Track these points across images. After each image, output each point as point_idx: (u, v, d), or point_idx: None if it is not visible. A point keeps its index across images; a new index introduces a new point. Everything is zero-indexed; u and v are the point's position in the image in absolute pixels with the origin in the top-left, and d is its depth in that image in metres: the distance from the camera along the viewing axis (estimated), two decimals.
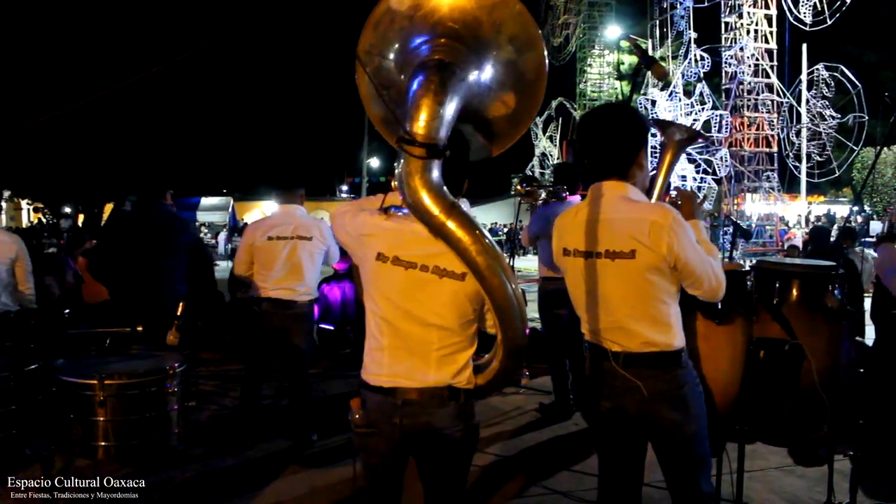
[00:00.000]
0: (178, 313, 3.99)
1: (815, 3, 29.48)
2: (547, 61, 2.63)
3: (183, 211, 33.11)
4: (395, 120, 2.42)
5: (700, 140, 3.50)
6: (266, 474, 4.90)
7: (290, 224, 5.22)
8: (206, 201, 37.55)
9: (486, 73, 2.56)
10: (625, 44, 40.35)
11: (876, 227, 26.40)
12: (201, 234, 33.70)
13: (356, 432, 2.56)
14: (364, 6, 2.60)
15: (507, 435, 5.74)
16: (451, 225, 2.33)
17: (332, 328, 8.72)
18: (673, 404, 2.72)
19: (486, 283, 2.38)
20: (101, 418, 3.54)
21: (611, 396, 2.78)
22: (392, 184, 2.66)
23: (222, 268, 16.66)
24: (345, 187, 55.39)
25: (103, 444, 3.58)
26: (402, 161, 2.35)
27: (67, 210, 34.13)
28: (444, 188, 2.36)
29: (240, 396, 5.45)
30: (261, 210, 33.41)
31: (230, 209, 36.71)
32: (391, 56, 2.59)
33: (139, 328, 4.06)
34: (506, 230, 30.87)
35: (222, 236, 32.81)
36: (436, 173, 2.35)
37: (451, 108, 2.41)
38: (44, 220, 28.33)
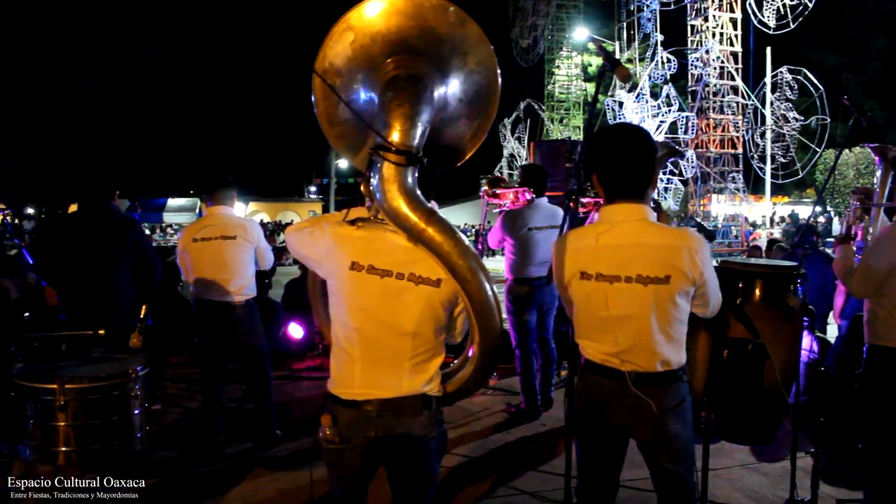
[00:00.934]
0: (141, 316, 3.93)
1: (778, 8, 29.93)
2: (500, 80, 2.67)
3: (149, 212, 32.90)
4: (369, 127, 2.46)
5: (677, 157, 3.51)
6: (233, 477, 4.86)
7: (214, 225, 5.22)
8: (172, 202, 37.28)
9: (448, 89, 2.63)
10: (592, 46, 40.64)
11: (837, 227, 26.92)
12: (167, 236, 33.38)
13: (328, 448, 2.53)
14: (329, 10, 2.60)
15: (475, 436, 5.74)
16: (431, 231, 2.37)
17: (303, 331, 8.66)
18: (677, 417, 2.78)
19: (468, 286, 2.42)
20: (62, 423, 3.47)
21: (620, 413, 2.77)
22: (361, 187, 2.66)
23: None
24: (313, 188, 55.19)
25: (64, 449, 3.51)
26: (377, 169, 2.39)
27: (30, 211, 33.63)
28: (421, 195, 2.41)
29: (201, 399, 5.39)
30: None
31: (197, 210, 36.39)
32: (352, 73, 2.59)
33: (101, 332, 4.00)
34: (474, 231, 30.96)
35: None
36: (411, 180, 2.40)
37: (425, 118, 2.48)
38: (8, 220, 27.83)
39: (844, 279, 3.74)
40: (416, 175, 2.44)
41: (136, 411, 3.67)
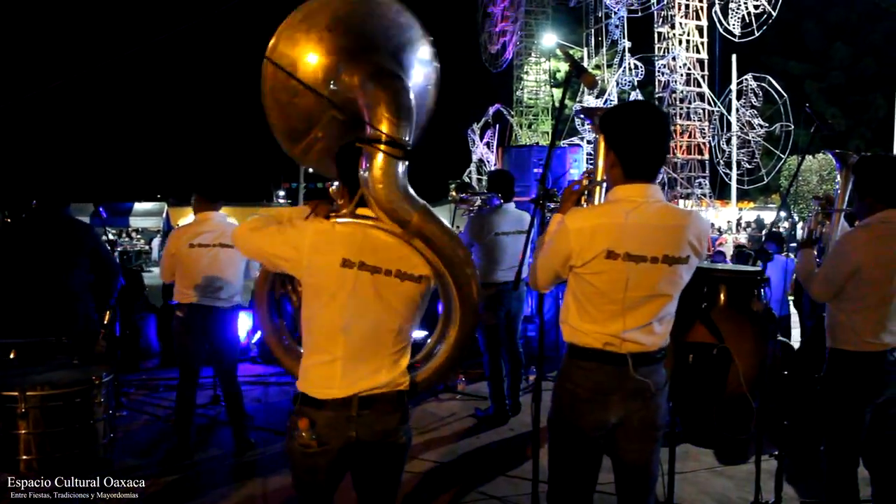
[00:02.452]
0: (105, 322, 3.89)
1: (743, 16, 30.33)
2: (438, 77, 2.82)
3: (116, 217, 32.46)
4: (363, 121, 2.49)
5: None
6: (204, 482, 4.82)
7: (212, 232, 5.14)
8: (139, 206, 36.79)
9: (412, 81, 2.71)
10: (560, 52, 40.91)
11: (801, 233, 27.15)
12: (133, 241, 32.99)
13: (304, 453, 2.49)
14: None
15: (444, 441, 5.73)
16: (429, 223, 2.45)
17: None
18: (665, 394, 2.82)
19: (460, 276, 2.52)
20: (23, 431, 3.42)
21: (620, 401, 2.71)
22: (330, 190, 2.67)
23: (156, 274, 16.30)
24: (282, 192, 54.82)
25: (25, 457, 3.45)
26: (371, 163, 2.42)
27: None
28: (410, 188, 2.47)
29: (176, 405, 5.32)
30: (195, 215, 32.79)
31: (164, 214, 35.98)
32: (315, 61, 2.60)
33: (63, 338, 3.95)
34: None
35: (156, 242, 32.14)
36: (404, 174, 2.47)
37: (413, 113, 2.54)
38: None
39: (806, 283, 3.78)
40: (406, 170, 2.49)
41: (100, 418, 3.63)
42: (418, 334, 2.76)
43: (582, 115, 3.53)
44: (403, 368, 2.58)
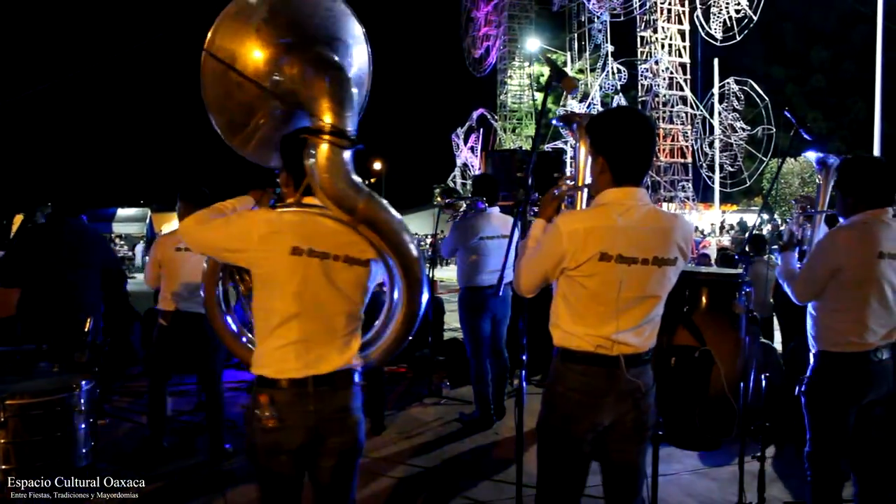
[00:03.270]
0: (86, 330, 3.86)
1: (725, 20, 30.57)
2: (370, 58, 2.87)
3: (98, 222, 32.24)
4: (307, 112, 2.55)
5: None
6: (182, 491, 4.78)
7: None
8: (122, 212, 36.54)
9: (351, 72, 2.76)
10: (542, 56, 41.04)
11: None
12: (117, 247, 32.76)
13: (264, 429, 2.51)
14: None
15: (429, 446, 5.72)
16: (375, 210, 2.52)
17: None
18: (653, 394, 2.84)
19: (405, 259, 2.62)
20: (2, 440, 3.39)
21: (613, 403, 2.73)
22: (280, 178, 2.75)
23: (140, 280, 16.20)
24: None
25: (4, 466, 3.42)
26: (317, 153, 2.47)
27: None
28: (355, 175, 2.53)
29: (147, 411, 5.28)
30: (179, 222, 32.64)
31: (147, 221, 35.76)
32: (254, 53, 2.64)
33: (44, 346, 3.92)
34: (429, 241, 30.97)
35: (139, 248, 31.96)
36: (350, 163, 2.53)
37: (355, 104, 2.61)
38: None
39: (788, 285, 3.79)
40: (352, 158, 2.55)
41: (81, 426, 3.60)
42: None
43: (561, 123, 3.54)
44: (355, 350, 2.65)
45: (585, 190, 3.45)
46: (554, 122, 4.02)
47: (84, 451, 3.64)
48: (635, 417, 2.77)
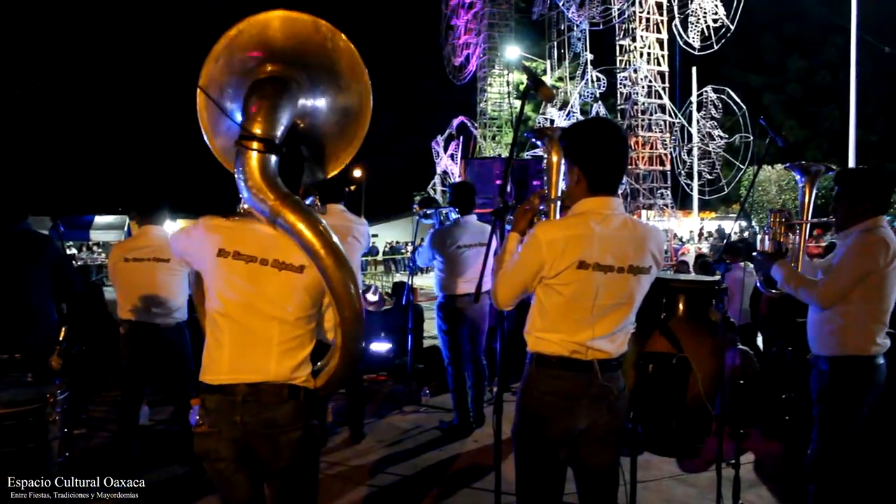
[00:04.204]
0: (61, 338, 3.81)
1: (702, 29, 30.83)
2: (371, 94, 2.84)
3: (75, 230, 31.89)
4: (230, 119, 2.68)
5: None
6: (159, 501, 4.73)
7: (147, 246, 5.00)
8: (99, 220, 36.19)
9: (317, 98, 2.81)
10: (520, 65, 41.21)
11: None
12: (94, 255, 32.45)
13: (197, 433, 2.56)
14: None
15: (408, 454, 5.71)
16: (286, 211, 2.49)
17: None
18: (625, 399, 2.89)
19: (324, 265, 2.51)
20: None
21: (586, 407, 2.76)
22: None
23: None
24: (245, 206, 54.42)
25: None
26: (241, 159, 2.53)
27: None
28: (280, 180, 2.56)
29: (117, 422, 5.20)
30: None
31: (126, 228, 35.44)
32: (232, 85, 2.76)
33: (17, 355, 3.86)
34: (409, 248, 30.96)
35: None
36: (272, 168, 2.56)
37: (284, 112, 2.64)
38: None
39: (808, 293, 3.80)
40: (277, 164, 2.58)
41: (55, 437, 3.55)
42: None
43: (533, 137, 3.56)
44: (299, 361, 2.60)
45: (559, 202, 3.48)
46: (526, 135, 4.04)
47: (59, 461, 3.60)
48: (609, 421, 2.81)
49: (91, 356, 7.83)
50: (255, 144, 2.52)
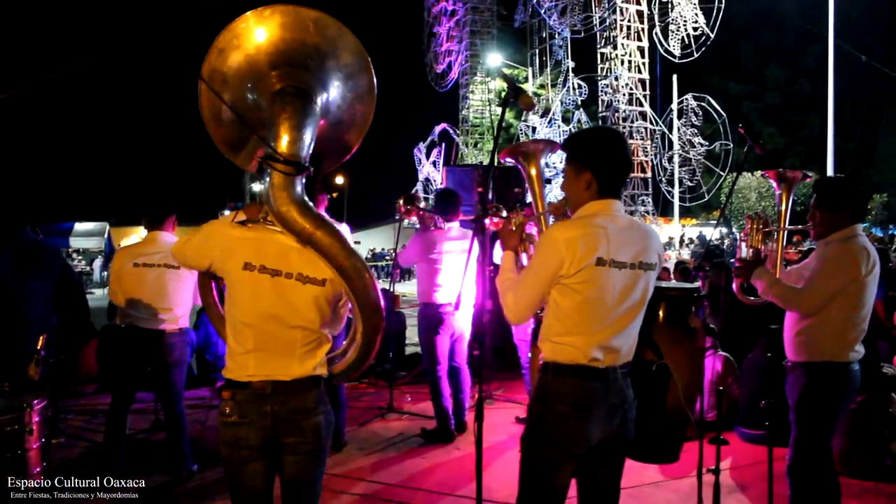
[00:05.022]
0: (39, 346, 3.77)
1: (683, 38, 31.08)
2: (375, 84, 2.94)
3: (55, 237, 31.62)
4: (261, 141, 2.68)
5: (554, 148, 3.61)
6: None
7: (158, 252, 5.01)
8: (79, 227, 35.91)
9: (329, 94, 2.87)
10: (506, 71, 41.26)
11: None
12: (74, 262, 32.17)
13: (227, 422, 2.71)
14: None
15: (390, 462, 5.70)
16: (320, 234, 2.65)
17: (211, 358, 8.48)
18: (635, 409, 2.90)
19: (354, 284, 2.72)
20: None
21: (602, 418, 2.75)
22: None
23: (98, 296, 15.95)
24: (227, 212, 54.07)
25: None
26: (267, 178, 2.64)
27: None
28: (309, 202, 2.69)
29: (105, 430, 5.16)
30: (139, 235, 32.19)
31: (106, 235, 35.22)
32: (238, 81, 2.78)
33: None
34: (392, 254, 30.87)
35: (97, 263, 31.44)
36: (300, 188, 2.67)
37: (311, 130, 2.73)
38: None
39: (789, 300, 3.83)
40: (304, 182, 2.71)
41: (32, 447, 3.51)
42: None
43: (506, 159, 3.55)
44: (319, 360, 2.80)
45: (549, 216, 3.48)
46: (500, 158, 4.02)
47: (37, 471, 3.55)
48: (622, 431, 2.83)
49: (72, 365, 7.76)
50: (283, 167, 2.61)
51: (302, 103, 2.75)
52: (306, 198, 2.68)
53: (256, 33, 2.72)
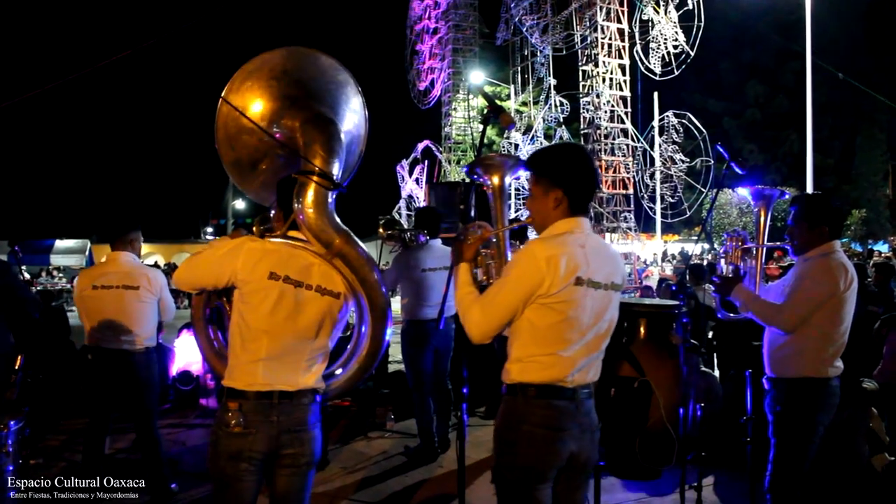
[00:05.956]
0: (16, 367, 3.74)
1: (663, 55, 31.36)
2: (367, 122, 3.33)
3: (35, 254, 31.32)
4: (300, 156, 2.95)
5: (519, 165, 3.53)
6: None
7: (116, 272, 4.98)
8: (60, 244, 35.64)
9: (344, 126, 3.19)
10: (489, 88, 41.45)
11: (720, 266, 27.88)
12: (55, 279, 31.88)
13: (230, 434, 2.75)
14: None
15: (374, 480, 5.67)
16: (349, 248, 2.89)
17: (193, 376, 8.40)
18: (599, 431, 2.89)
19: (373, 295, 2.95)
20: None
21: (573, 438, 2.71)
22: (272, 214, 3.12)
23: (77, 314, 15.71)
24: (209, 229, 53.88)
25: None
26: (304, 191, 2.85)
27: None
28: (336, 216, 2.92)
29: (83, 451, 5.09)
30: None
31: (87, 252, 34.95)
32: (264, 105, 3.05)
33: None
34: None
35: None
36: (332, 204, 2.91)
37: (342, 153, 3.03)
38: None
39: (768, 316, 3.85)
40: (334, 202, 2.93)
41: (8, 468, 3.47)
42: None
43: (469, 173, 3.51)
44: (318, 375, 2.95)
45: (506, 232, 3.36)
46: (466, 172, 3.99)
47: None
48: (590, 450, 2.80)
49: (50, 384, 7.69)
50: (322, 181, 2.85)
51: (337, 129, 3.04)
52: (335, 215, 2.92)
53: (279, 68, 3.06)
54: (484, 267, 3.12)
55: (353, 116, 3.24)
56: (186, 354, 8.47)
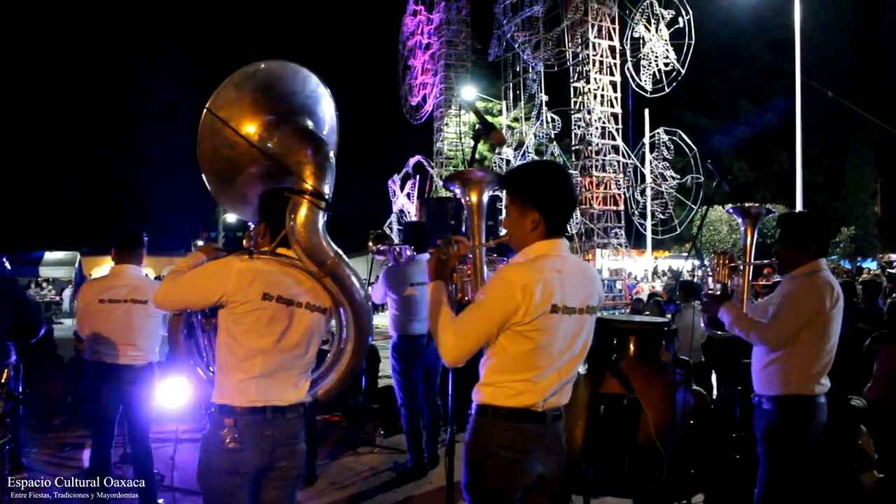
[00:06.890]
0: (2, 380, 3.71)
1: (654, 73, 31.52)
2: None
3: (24, 266, 31.13)
4: (294, 174, 2.91)
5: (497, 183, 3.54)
6: None
7: (125, 286, 4.95)
8: (49, 256, 35.50)
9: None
10: (481, 104, 41.57)
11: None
12: (44, 291, 31.73)
13: (225, 449, 2.78)
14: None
15: (363, 496, 5.66)
16: (341, 266, 2.95)
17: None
18: (565, 451, 2.87)
19: (359, 310, 3.02)
20: None
21: (540, 460, 2.71)
22: (254, 230, 3.10)
23: (67, 326, 15.72)
24: (200, 242, 53.71)
25: None
26: (298, 210, 2.86)
27: None
28: (328, 235, 2.96)
29: (89, 467, 5.03)
30: (110, 265, 31.81)
31: (77, 264, 34.80)
32: (250, 117, 3.01)
33: None
34: (367, 287, 30.60)
35: (67, 293, 30.99)
36: (323, 223, 2.94)
37: (332, 171, 3.02)
38: None
39: (755, 334, 3.86)
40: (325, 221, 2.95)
41: None
42: None
43: (447, 186, 3.52)
44: (306, 389, 3.03)
45: (483, 249, 3.35)
46: (445, 185, 4.02)
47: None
48: (556, 471, 2.80)
49: (36, 398, 7.63)
50: (315, 200, 2.88)
51: (326, 148, 3.04)
52: (327, 234, 2.95)
53: (265, 80, 3.06)
54: (459, 284, 3.14)
55: (332, 135, 3.33)
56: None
